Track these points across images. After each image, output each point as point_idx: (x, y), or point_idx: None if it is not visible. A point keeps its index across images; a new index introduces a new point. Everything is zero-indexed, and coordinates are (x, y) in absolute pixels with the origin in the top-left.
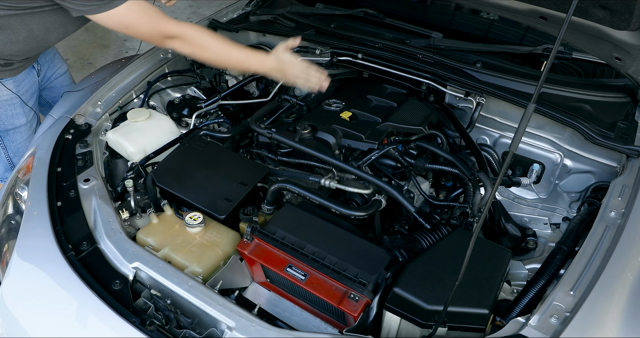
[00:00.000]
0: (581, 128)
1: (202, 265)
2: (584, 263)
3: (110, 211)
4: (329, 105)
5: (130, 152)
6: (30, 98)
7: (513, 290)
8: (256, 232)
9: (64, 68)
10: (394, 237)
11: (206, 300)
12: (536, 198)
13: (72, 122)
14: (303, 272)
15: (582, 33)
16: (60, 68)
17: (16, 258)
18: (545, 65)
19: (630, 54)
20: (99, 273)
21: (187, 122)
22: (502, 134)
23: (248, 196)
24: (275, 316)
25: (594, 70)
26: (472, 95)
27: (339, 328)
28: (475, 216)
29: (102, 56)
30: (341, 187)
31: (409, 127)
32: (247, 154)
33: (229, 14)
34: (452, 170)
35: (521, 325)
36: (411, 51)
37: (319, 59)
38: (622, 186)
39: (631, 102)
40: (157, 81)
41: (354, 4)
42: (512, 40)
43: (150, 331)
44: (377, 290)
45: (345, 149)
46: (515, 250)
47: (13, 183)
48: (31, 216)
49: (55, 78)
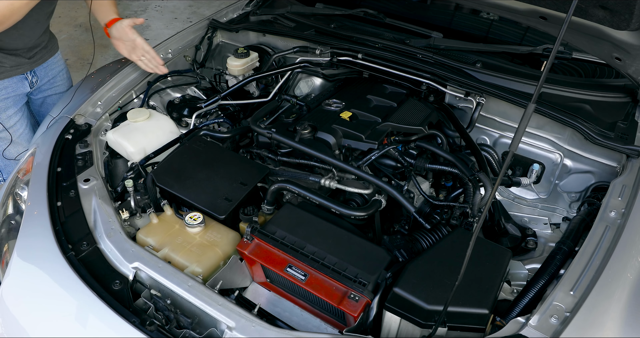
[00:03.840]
0: (581, 128)
1: (202, 265)
2: (584, 263)
3: (110, 211)
4: (329, 105)
5: (130, 152)
6: (6, 107)
7: (513, 290)
8: (256, 232)
9: (64, 88)
10: (394, 237)
11: (206, 300)
12: (536, 198)
13: (72, 122)
14: (303, 272)
15: (582, 33)
16: (60, 86)
17: (16, 258)
18: (545, 65)
19: (630, 54)
20: (99, 273)
21: (187, 122)
22: (502, 134)
23: (248, 196)
24: (275, 316)
25: (594, 70)
26: (472, 95)
27: (339, 328)
28: (475, 216)
29: (102, 56)
30: (341, 187)
31: (409, 127)
32: (247, 154)
33: (229, 14)
34: (452, 170)
35: (521, 325)
36: (411, 51)
37: (319, 59)
38: (622, 186)
39: (631, 102)
40: (157, 81)
41: (354, 4)
42: (512, 40)
43: (150, 331)
44: (377, 290)
45: (345, 149)
46: (515, 250)
47: (13, 184)
48: (31, 216)
49: (49, 95)
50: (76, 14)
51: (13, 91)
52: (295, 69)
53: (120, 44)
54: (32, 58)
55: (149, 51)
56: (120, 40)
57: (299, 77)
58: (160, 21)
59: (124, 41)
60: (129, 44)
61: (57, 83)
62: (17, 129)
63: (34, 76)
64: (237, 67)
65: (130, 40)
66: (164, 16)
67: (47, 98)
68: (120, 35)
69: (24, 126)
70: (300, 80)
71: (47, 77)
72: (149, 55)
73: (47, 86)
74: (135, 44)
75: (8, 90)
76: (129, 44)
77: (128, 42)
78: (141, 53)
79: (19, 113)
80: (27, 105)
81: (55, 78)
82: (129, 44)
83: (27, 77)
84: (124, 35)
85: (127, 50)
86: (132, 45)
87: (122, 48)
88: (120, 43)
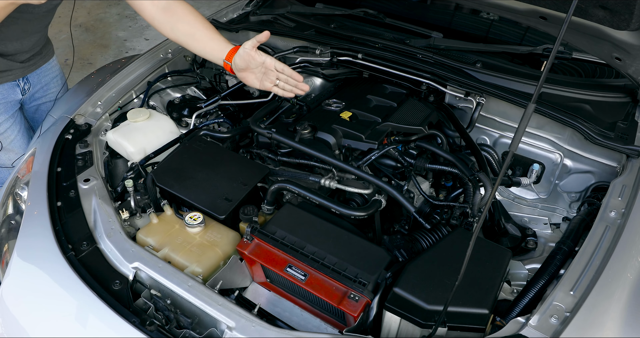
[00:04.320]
0: (581, 128)
1: (202, 265)
2: (584, 263)
3: (110, 211)
4: (329, 105)
5: (130, 152)
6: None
7: (513, 290)
8: (256, 232)
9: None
10: (394, 237)
11: (206, 300)
12: (536, 198)
13: (72, 122)
14: (303, 272)
15: (582, 33)
16: (54, 94)
17: (16, 258)
18: (545, 65)
19: (630, 54)
20: (99, 273)
21: (187, 122)
22: (502, 134)
23: (248, 196)
24: (275, 316)
25: (594, 70)
26: (472, 95)
27: (339, 328)
28: (475, 216)
29: (102, 56)
30: (341, 187)
31: (409, 127)
32: (247, 154)
33: (229, 14)
34: (452, 170)
35: (521, 325)
36: (411, 51)
37: (319, 59)
38: (622, 186)
39: (631, 102)
40: (157, 81)
41: (354, 4)
42: (512, 40)
43: (150, 331)
44: (377, 290)
45: (345, 148)
46: (515, 250)
47: (13, 184)
48: (31, 216)
49: (43, 103)
50: (76, 14)
51: (4, 98)
52: (295, 69)
53: (248, 75)
54: (25, 62)
55: (283, 69)
56: (248, 69)
57: None
58: None
59: (252, 69)
60: (259, 69)
61: (50, 90)
62: (8, 136)
63: (26, 83)
64: None
65: (259, 64)
66: None
67: (42, 105)
68: (247, 64)
69: (16, 133)
70: None
71: (40, 84)
72: (284, 75)
73: (41, 93)
74: (265, 66)
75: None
76: (259, 69)
77: (257, 69)
78: (275, 75)
79: (10, 120)
80: (20, 112)
81: (48, 85)
82: (258, 70)
83: (19, 84)
84: (251, 61)
85: (258, 78)
86: (262, 70)
87: (252, 78)
88: (248, 73)
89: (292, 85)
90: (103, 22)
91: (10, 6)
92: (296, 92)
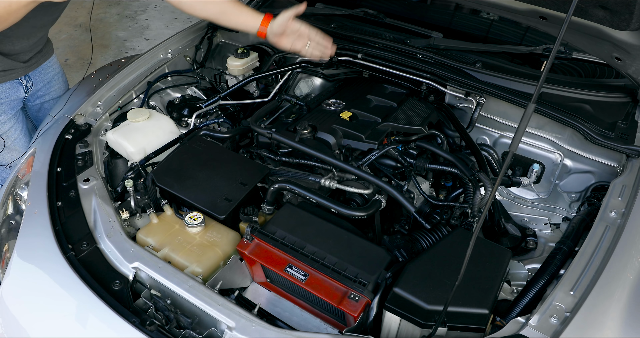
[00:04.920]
0: (581, 128)
1: (202, 265)
2: (584, 263)
3: (110, 211)
4: (329, 105)
5: (130, 152)
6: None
7: (513, 290)
8: (256, 232)
9: (60, 92)
10: (394, 237)
11: (206, 300)
12: (536, 198)
13: (72, 122)
14: (303, 272)
15: (582, 33)
16: (56, 91)
17: (16, 258)
18: (545, 65)
19: (630, 54)
20: (99, 273)
21: (187, 122)
22: (502, 134)
23: (248, 196)
24: (275, 316)
25: (594, 70)
26: (472, 95)
27: (339, 328)
28: (475, 216)
29: (102, 56)
30: (341, 187)
31: (409, 127)
32: (247, 154)
33: None
34: (452, 170)
35: (521, 325)
36: (411, 51)
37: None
38: (622, 186)
39: (631, 102)
40: (157, 81)
41: (354, 4)
42: (512, 40)
43: (150, 331)
44: (377, 290)
45: (345, 149)
46: (515, 250)
47: (13, 184)
48: (31, 216)
49: (47, 101)
50: (76, 14)
51: (7, 96)
52: (295, 69)
53: (281, 39)
54: (27, 62)
55: (314, 36)
56: (284, 34)
57: (299, 77)
58: (160, 21)
59: (287, 34)
60: (293, 35)
61: (53, 87)
62: (11, 135)
63: (28, 81)
64: (237, 67)
65: (295, 31)
66: (164, 16)
67: (45, 103)
68: (283, 30)
69: (19, 131)
70: (300, 80)
71: (43, 82)
72: (314, 42)
73: (43, 91)
74: (300, 33)
75: (2, 96)
76: (293, 35)
77: (292, 34)
78: (307, 41)
79: (13, 119)
80: (22, 111)
81: (50, 82)
82: (292, 35)
83: (22, 82)
84: (289, 28)
85: (290, 42)
86: (295, 36)
87: (285, 42)
88: (282, 37)
89: (322, 49)
90: (103, 22)
91: (31, 4)
92: (324, 55)
